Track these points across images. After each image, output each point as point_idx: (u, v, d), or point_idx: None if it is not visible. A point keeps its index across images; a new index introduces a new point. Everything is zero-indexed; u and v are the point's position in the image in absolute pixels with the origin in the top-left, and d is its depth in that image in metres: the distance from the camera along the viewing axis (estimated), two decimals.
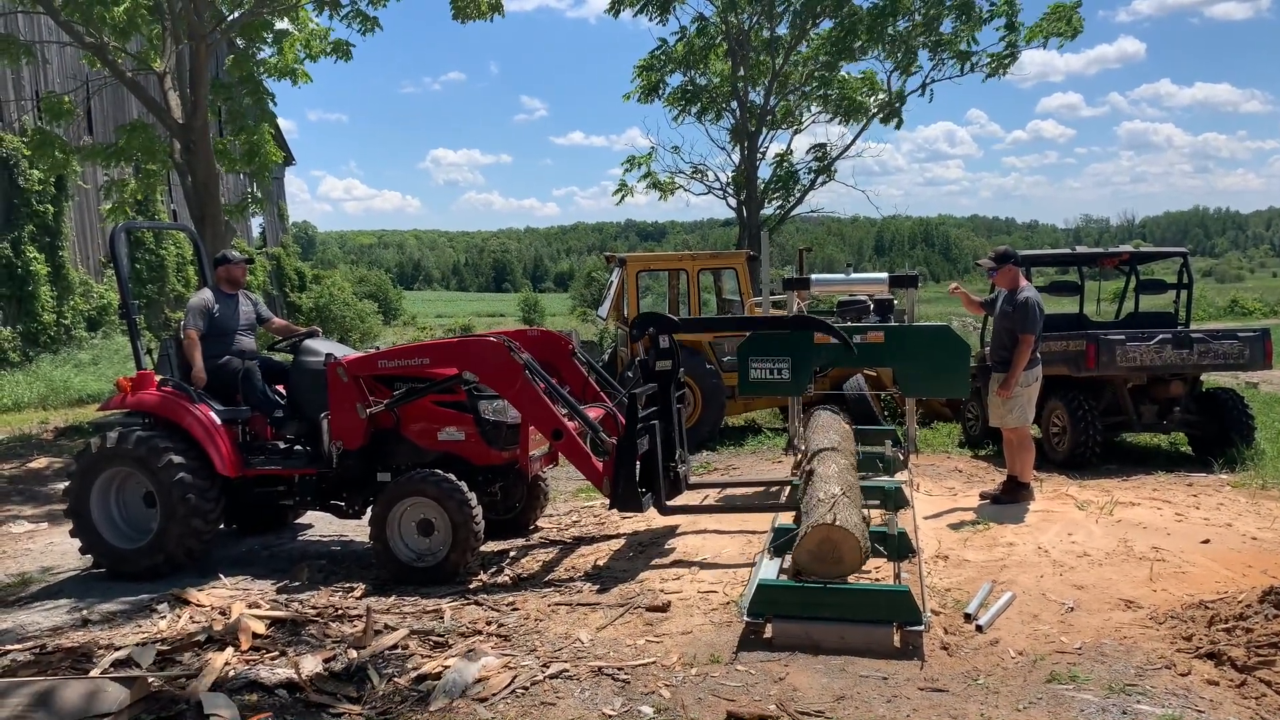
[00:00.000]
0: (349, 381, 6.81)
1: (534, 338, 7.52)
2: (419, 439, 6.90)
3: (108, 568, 7.03)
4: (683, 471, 7.34)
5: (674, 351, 7.09)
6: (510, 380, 6.52)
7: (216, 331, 7.43)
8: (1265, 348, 9.39)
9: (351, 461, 6.95)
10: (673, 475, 7.16)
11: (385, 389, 6.95)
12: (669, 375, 7.05)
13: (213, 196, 13.94)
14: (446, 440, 6.82)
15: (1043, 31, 18.05)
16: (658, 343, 7.00)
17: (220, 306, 7.52)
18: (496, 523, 7.59)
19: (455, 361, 6.78)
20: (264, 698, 4.63)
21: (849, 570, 5.17)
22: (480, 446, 6.78)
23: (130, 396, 7.10)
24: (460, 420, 6.79)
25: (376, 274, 53.87)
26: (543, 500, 8.03)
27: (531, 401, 6.51)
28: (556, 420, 6.52)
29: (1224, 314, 36.03)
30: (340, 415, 6.86)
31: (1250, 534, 6.76)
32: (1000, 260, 8.05)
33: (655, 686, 4.61)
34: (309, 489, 7.24)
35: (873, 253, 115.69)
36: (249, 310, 7.82)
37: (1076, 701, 4.32)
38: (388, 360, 6.98)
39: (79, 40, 13.59)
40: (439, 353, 6.94)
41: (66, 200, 23.04)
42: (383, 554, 6.59)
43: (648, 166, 20.80)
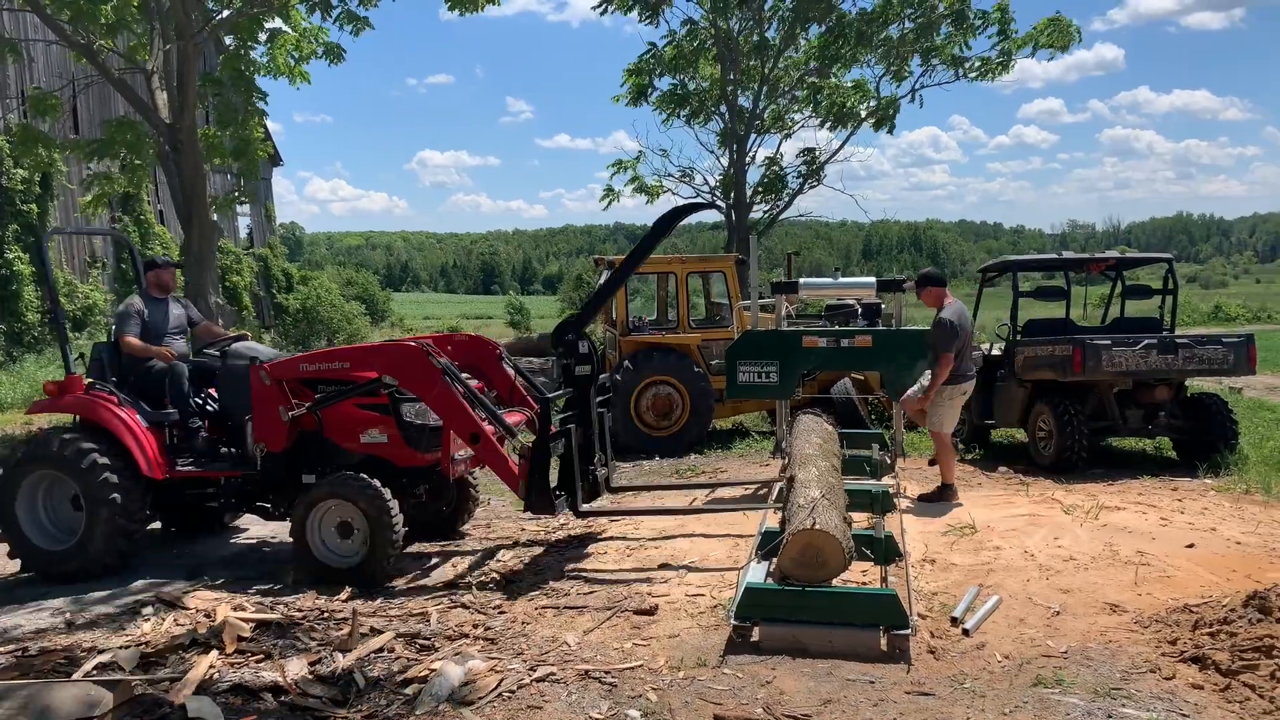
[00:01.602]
0: (271, 385, 6.89)
1: (463, 343, 7.66)
2: (342, 441, 6.98)
3: (36, 571, 7.06)
4: (602, 475, 7.43)
5: (593, 357, 7.19)
6: (428, 384, 6.61)
7: (147, 336, 7.50)
8: (1249, 353, 9.45)
9: (275, 464, 7.03)
10: (591, 479, 7.26)
11: (309, 392, 7.04)
12: (588, 380, 7.15)
13: (200, 195, 13.87)
14: (369, 443, 6.91)
15: (1037, 41, 18.13)
16: (576, 348, 7.11)
17: (150, 311, 7.60)
18: (426, 525, 7.76)
19: (375, 365, 6.86)
20: (249, 701, 4.60)
21: (834, 573, 5.18)
22: (402, 449, 6.87)
23: (57, 400, 7.18)
24: (382, 423, 6.87)
25: (364, 275, 53.67)
26: (472, 504, 8.13)
27: (449, 405, 6.59)
28: (474, 424, 6.59)
29: (1208, 319, 36.24)
30: (263, 418, 6.93)
31: (1234, 538, 6.81)
32: (921, 283, 8.35)
33: (642, 690, 4.61)
34: (234, 491, 7.33)
35: (860, 257, 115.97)
36: (179, 314, 7.89)
37: (1062, 705, 4.34)
38: (309, 364, 7.07)
39: (66, 38, 13.50)
40: (359, 356, 7.03)
41: (51, 200, 22.88)
42: (302, 555, 6.69)
43: (635, 170, 20.83)
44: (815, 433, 7.50)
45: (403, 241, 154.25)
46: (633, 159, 20.76)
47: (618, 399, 11.94)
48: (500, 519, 8.59)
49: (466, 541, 7.81)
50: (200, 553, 7.81)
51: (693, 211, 7.45)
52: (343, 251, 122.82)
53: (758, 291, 10.14)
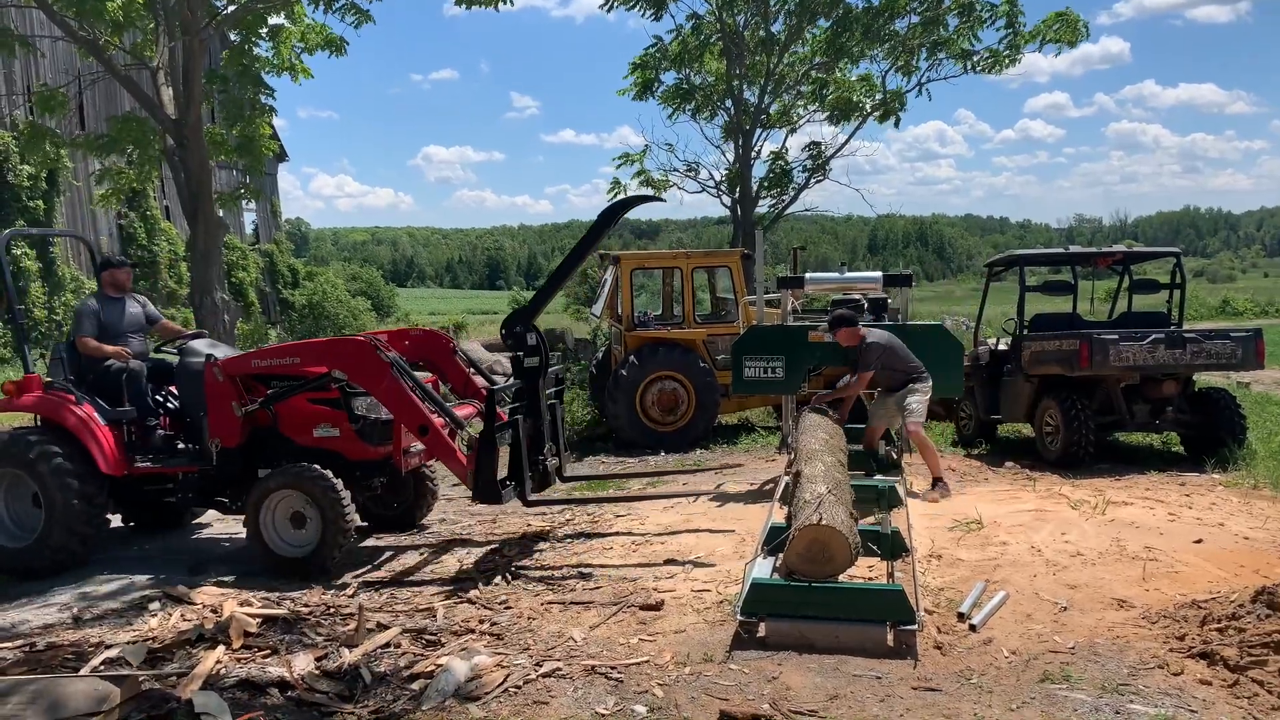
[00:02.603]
0: (225, 381, 7.02)
1: (417, 337, 7.81)
2: (295, 436, 7.10)
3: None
4: (552, 465, 7.49)
5: (541, 349, 7.26)
6: (377, 378, 6.74)
7: (104, 335, 7.57)
8: (1257, 348, 9.41)
9: (231, 459, 7.13)
10: (542, 469, 7.33)
11: (263, 388, 7.15)
12: (536, 372, 7.23)
13: (206, 192, 13.87)
14: (322, 437, 7.04)
15: (1045, 36, 18.04)
16: (525, 340, 7.18)
17: (105, 311, 7.68)
18: (384, 518, 8.04)
19: (324, 360, 6.99)
20: (256, 696, 4.61)
21: (841, 568, 5.17)
22: (355, 442, 7.00)
23: (15, 400, 7.28)
24: (334, 417, 7.00)
25: (369, 271, 53.72)
26: (430, 497, 8.22)
27: (398, 398, 6.71)
28: (423, 417, 6.70)
29: (1216, 314, 36.15)
30: (217, 414, 7.06)
31: (1243, 533, 6.78)
32: (834, 326, 8.52)
33: (648, 685, 4.60)
34: (192, 486, 7.43)
35: (866, 251, 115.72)
36: (137, 312, 7.96)
37: (1070, 701, 4.32)
38: (261, 360, 7.22)
39: (72, 34, 13.51)
40: (309, 352, 7.18)
41: (58, 196, 22.93)
42: (256, 545, 6.81)
43: (641, 164, 20.77)
44: (821, 428, 7.48)
45: (408, 237, 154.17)
46: (639, 153, 20.69)
47: (623, 394, 11.95)
48: (505, 514, 8.59)
49: (473, 535, 7.81)
50: (205, 548, 7.84)
51: (635, 205, 7.63)
52: (348, 247, 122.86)
53: (763, 286, 10.12)
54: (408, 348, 7.43)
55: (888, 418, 8.57)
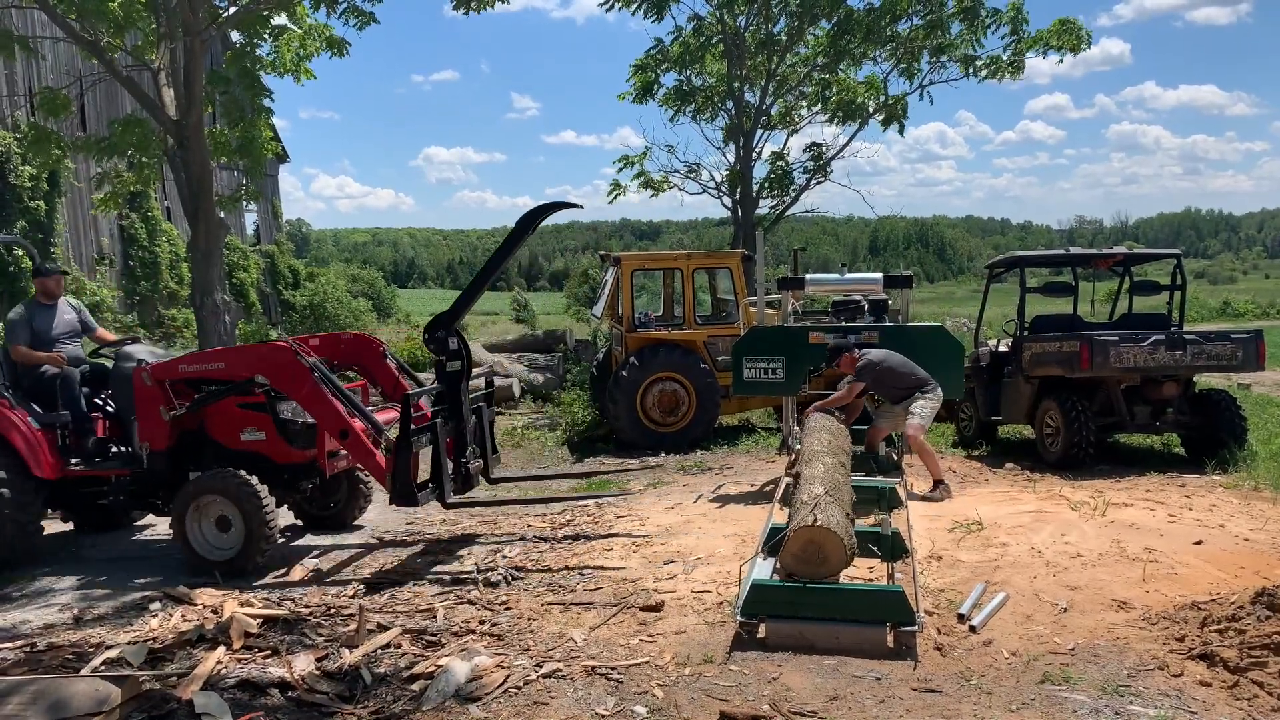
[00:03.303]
0: (153, 385, 7.16)
1: (348, 341, 8.02)
2: (224, 439, 7.28)
3: None
4: (475, 468, 7.56)
5: (463, 353, 7.38)
6: (298, 383, 6.90)
7: (37, 342, 7.66)
8: (1258, 349, 9.41)
9: (160, 461, 7.24)
10: (464, 471, 7.42)
11: (194, 393, 7.29)
12: (458, 375, 7.36)
13: (207, 193, 13.88)
14: (249, 440, 7.21)
15: (1047, 43, 18.03)
16: (446, 345, 7.29)
17: (38, 318, 7.77)
18: (318, 519, 8.28)
19: (248, 365, 7.15)
20: (256, 697, 4.62)
21: (835, 569, 5.16)
22: (281, 446, 7.18)
23: None
24: (260, 421, 7.18)
25: (370, 272, 53.67)
26: (363, 499, 8.35)
27: (318, 403, 6.87)
28: (342, 421, 6.85)
29: (1217, 315, 36.10)
30: (145, 418, 7.22)
31: (1243, 535, 6.78)
32: (832, 359, 8.66)
33: (649, 686, 4.61)
34: (125, 489, 7.53)
35: (867, 253, 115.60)
36: (71, 318, 8.05)
37: (1070, 702, 4.33)
38: (188, 364, 7.38)
39: (73, 35, 13.52)
40: (234, 357, 7.38)
41: (59, 197, 22.93)
42: (183, 548, 6.94)
43: (641, 166, 20.77)
44: (825, 429, 7.49)
45: (409, 238, 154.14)
46: (639, 154, 20.70)
47: (623, 395, 11.95)
48: (506, 515, 8.60)
49: (476, 539, 7.82)
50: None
51: (553, 210, 7.79)
52: (349, 248, 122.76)
53: (764, 287, 10.13)
54: (341, 352, 7.76)
55: (892, 421, 8.60)
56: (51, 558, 7.63)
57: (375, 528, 8.31)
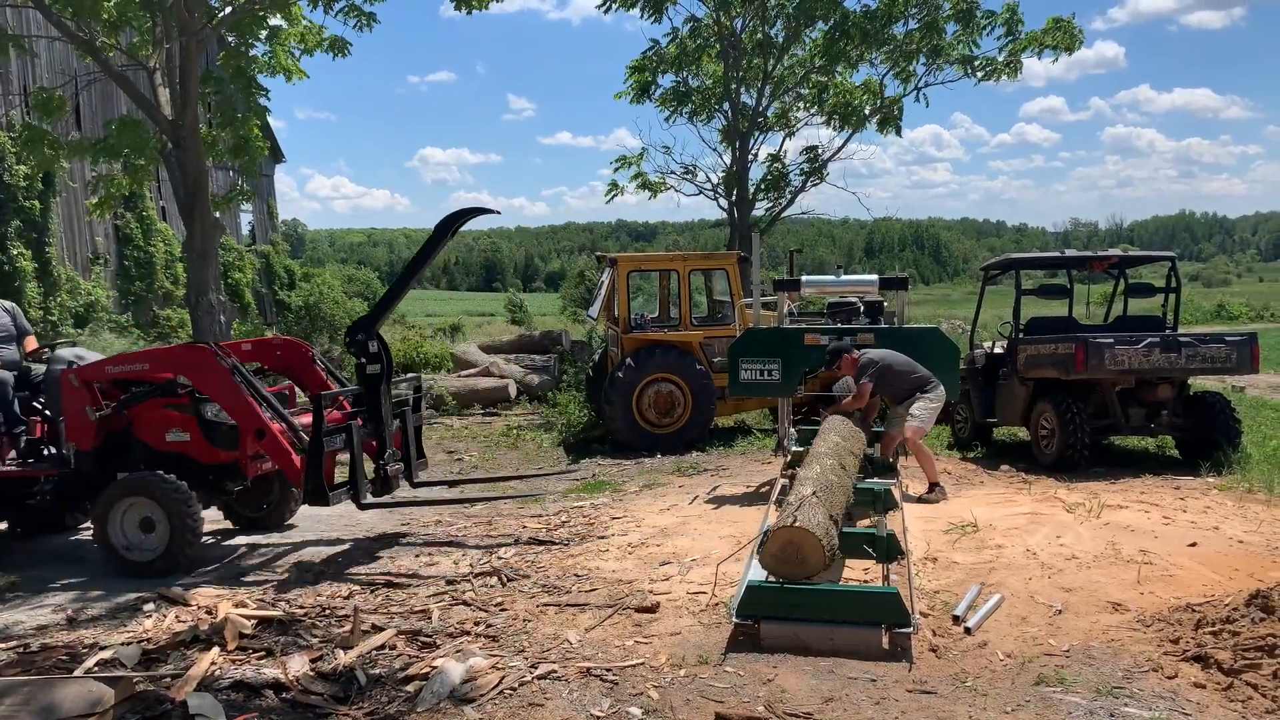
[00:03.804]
0: (79, 386, 7.22)
1: (277, 345, 8.11)
2: (150, 440, 7.34)
3: None
4: (394, 471, 7.60)
5: (383, 356, 7.42)
6: (216, 383, 7.01)
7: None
8: (1252, 352, 9.43)
9: (87, 462, 7.28)
10: (383, 475, 7.47)
11: (122, 394, 7.34)
12: (377, 378, 7.41)
13: (202, 193, 13.87)
14: (174, 441, 7.28)
15: (1041, 42, 18.09)
16: (366, 348, 7.34)
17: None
18: (250, 520, 8.36)
19: (170, 366, 7.27)
20: (250, 698, 4.60)
21: (814, 570, 5.13)
22: (205, 447, 7.24)
23: None
24: (184, 422, 7.25)
25: (366, 272, 53.64)
26: (294, 501, 8.35)
27: (235, 403, 6.98)
28: (259, 421, 6.93)
29: (1211, 318, 36.21)
30: (72, 418, 7.27)
31: (1237, 537, 6.79)
32: (832, 361, 8.66)
33: (644, 687, 4.60)
34: (54, 489, 7.54)
35: (863, 255, 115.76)
36: (5, 322, 8.08)
37: (1064, 704, 4.33)
38: (113, 365, 7.46)
39: (69, 34, 13.50)
40: (156, 358, 7.51)
41: (54, 196, 22.87)
42: (104, 549, 6.98)
43: (638, 166, 20.80)
44: (836, 430, 7.48)
45: (404, 239, 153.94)
46: (636, 155, 20.73)
47: (619, 396, 11.95)
48: (502, 516, 8.59)
49: (468, 539, 7.81)
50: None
51: (472, 216, 7.82)
52: (345, 249, 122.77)
53: (760, 289, 10.14)
54: (274, 356, 7.89)
55: (900, 425, 8.58)
56: (45, 559, 7.61)
57: (370, 529, 8.30)
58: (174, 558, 6.87)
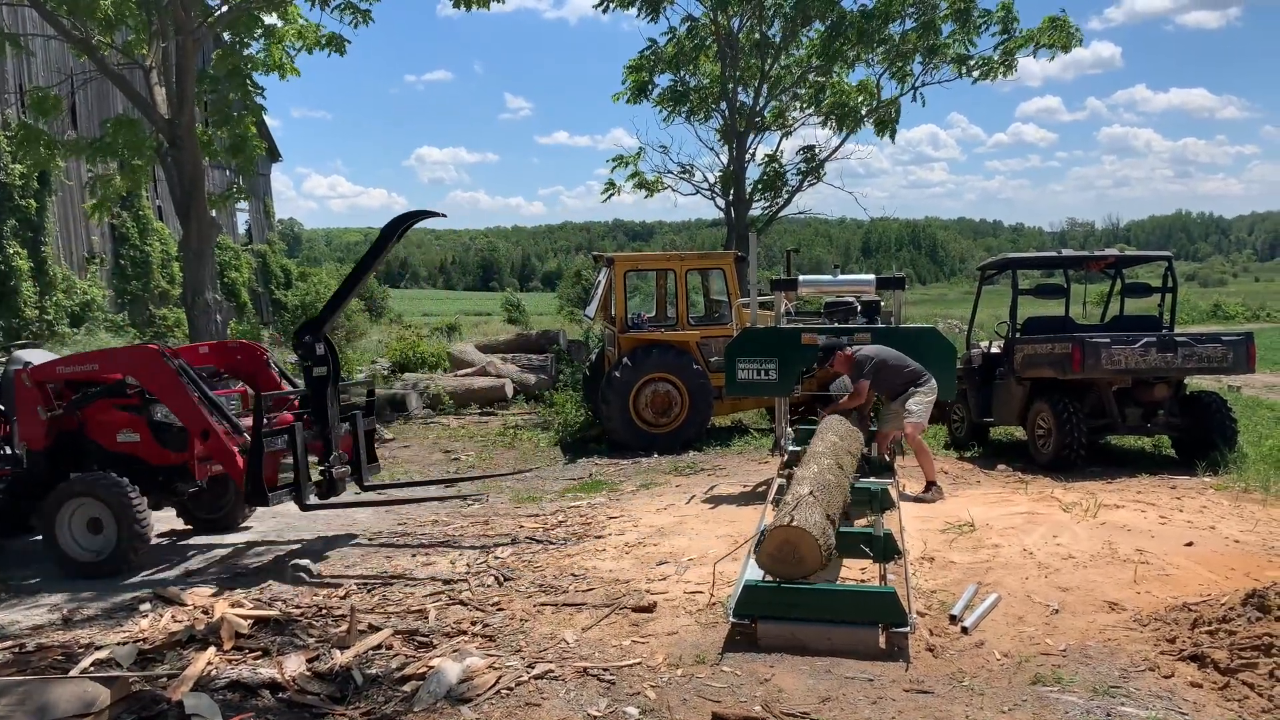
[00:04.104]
0: (31, 387, 7.29)
1: (235, 349, 8.16)
2: (102, 440, 7.40)
3: None
4: (338, 474, 7.61)
5: (329, 359, 7.46)
6: (163, 384, 7.06)
7: None
8: (1248, 351, 9.45)
9: (39, 462, 7.33)
10: (328, 477, 7.50)
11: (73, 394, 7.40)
12: (323, 381, 7.44)
13: (198, 191, 13.85)
14: (125, 442, 7.35)
15: (1037, 41, 18.09)
16: (313, 350, 7.38)
17: None
18: (205, 521, 8.36)
19: (119, 367, 7.34)
20: (247, 698, 4.59)
21: (811, 569, 5.13)
22: (155, 448, 7.31)
23: None
24: (135, 423, 7.32)
25: None
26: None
27: (182, 404, 7.03)
28: (204, 422, 6.98)
29: (1207, 318, 36.24)
30: (24, 418, 7.35)
31: (1233, 536, 6.80)
32: (825, 358, 8.65)
33: (641, 687, 4.60)
34: (6, 489, 7.55)
35: (860, 254, 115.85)
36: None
37: (1061, 703, 4.33)
38: (65, 366, 7.52)
39: (65, 33, 13.47)
40: (105, 359, 7.57)
41: (49, 195, 22.84)
42: (51, 549, 7.00)
43: (635, 166, 20.77)
44: (833, 430, 7.48)
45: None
46: (633, 154, 20.70)
47: (616, 396, 11.94)
48: (498, 516, 8.59)
49: (464, 539, 7.80)
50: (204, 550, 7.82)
51: (418, 219, 7.85)
52: (341, 248, 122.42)
53: (757, 289, 10.13)
54: (230, 359, 7.94)
55: (895, 422, 8.60)
56: (39, 559, 7.59)
57: (367, 529, 8.29)
58: (121, 559, 6.91)
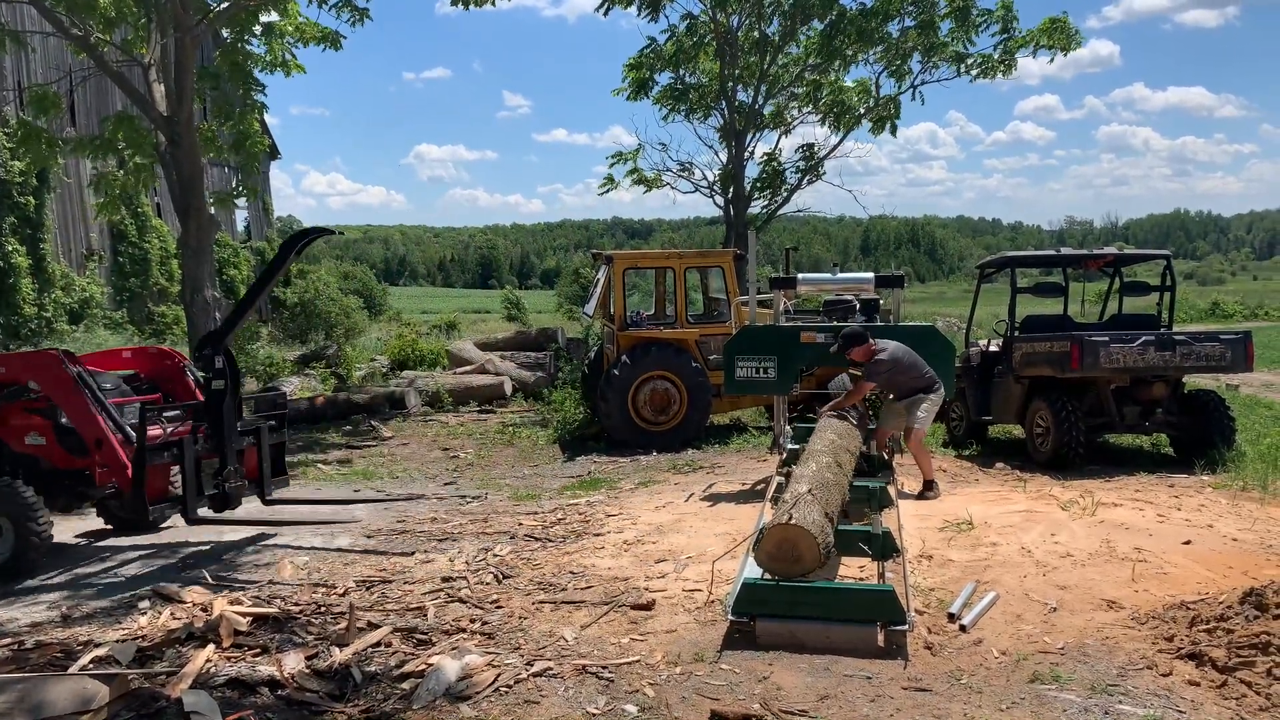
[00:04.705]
0: None
1: (153, 356, 8.17)
2: (11, 442, 7.46)
3: None
4: (232, 487, 7.55)
5: (227, 372, 7.43)
6: (60, 390, 7.12)
7: None
8: (1247, 350, 9.45)
9: None
10: (222, 489, 7.46)
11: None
12: (220, 394, 7.42)
13: (197, 189, 13.84)
14: (32, 444, 7.40)
15: (1038, 42, 18.08)
16: (212, 363, 7.38)
17: None
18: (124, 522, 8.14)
19: (21, 371, 7.42)
20: (246, 695, 4.60)
21: (809, 568, 5.13)
22: (59, 451, 7.34)
23: None
24: (41, 426, 7.35)
25: (362, 269, 53.57)
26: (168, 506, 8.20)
27: (77, 410, 7.08)
28: (98, 430, 7.01)
29: (1205, 316, 36.26)
30: None
31: (1231, 535, 6.81)
32: (846, 345, 8.41)
33: (639, 685, 4.61)
34: None
35: (858, 252, 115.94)
36: None
37: (1059, 701, 4.34)
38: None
39: (63, 30, 13.45)
40: (11, 362, 7.63)
41: (48, 192, 22.81)
42: None
43: (635, 163, 20.78)
44: (831, 429, 7.48)
45: (400, 235, 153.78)
46: (632, 152, 20.70)
47: (615, 394, 11.94)
48: (497, 514, 8.59)
49: (463, 537, 7.80)
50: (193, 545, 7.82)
51: (316, 237, 8.00)
52: (340, 245, 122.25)
53: (756, 287, 10.13)
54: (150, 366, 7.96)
55: (895, 421, 8.59)
56: None
57: (366, 526, 8.29)
58: (20, 562, 6.88)
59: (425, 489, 10.04)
